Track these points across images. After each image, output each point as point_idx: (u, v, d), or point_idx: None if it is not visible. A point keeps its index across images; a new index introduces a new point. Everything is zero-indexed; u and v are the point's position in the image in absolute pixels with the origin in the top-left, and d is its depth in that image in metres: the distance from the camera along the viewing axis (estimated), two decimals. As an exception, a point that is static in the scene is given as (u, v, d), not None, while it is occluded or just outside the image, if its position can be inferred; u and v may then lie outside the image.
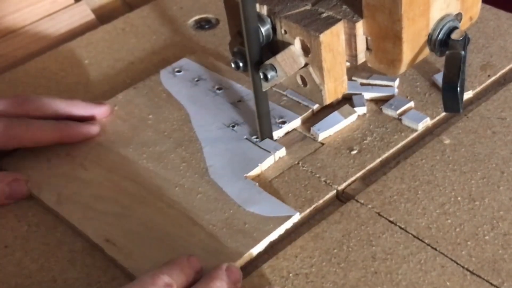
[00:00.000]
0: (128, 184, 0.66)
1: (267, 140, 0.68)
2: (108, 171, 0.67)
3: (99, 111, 0.73)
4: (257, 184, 0.64)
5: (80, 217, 0.63)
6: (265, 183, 0.65)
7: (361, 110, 0.70)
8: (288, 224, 0.61)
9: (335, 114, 0.70)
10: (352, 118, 0.69)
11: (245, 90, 0.73)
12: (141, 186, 0.65)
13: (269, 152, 0.67)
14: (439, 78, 0.70)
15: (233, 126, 0.70)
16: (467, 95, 0.70)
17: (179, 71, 0.77)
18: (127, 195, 0.65)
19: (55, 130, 0.69)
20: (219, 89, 0.75)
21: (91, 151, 0.69)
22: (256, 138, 0.68)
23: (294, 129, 0.70)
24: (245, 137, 0.69)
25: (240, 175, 0.65)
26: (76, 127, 0.70)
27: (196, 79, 0.76)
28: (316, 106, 0.71)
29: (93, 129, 0.71)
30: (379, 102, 0.71)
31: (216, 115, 0.72)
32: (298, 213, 0.61)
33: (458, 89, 0.60)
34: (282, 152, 0.67)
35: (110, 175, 0.67)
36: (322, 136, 0.68)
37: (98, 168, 0.68)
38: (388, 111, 0.70)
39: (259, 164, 0.66)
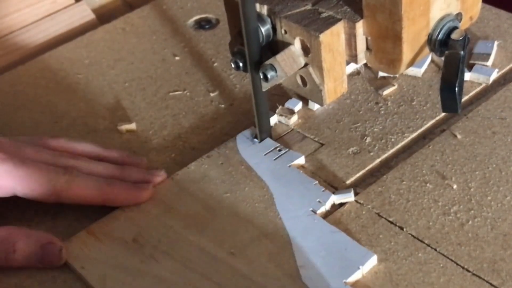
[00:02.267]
0: (207, 285, 0.56)
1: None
2: (183, 265, 0.58)
3: (155, 180, 0.65)
4: None
5: None
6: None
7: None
8: None
9: None
10: None
11: None
12: None
13: (371, 252, 0.57)
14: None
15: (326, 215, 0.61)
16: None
17: None
18: None
19: (99, 192, 0.62)
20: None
21: (162, 238, 0.60)
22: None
23: (293, 129, 0.70)
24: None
25: (337, 281, 0.55)
26: (124, 192, 0.62)
27: (278, 148, 0.67)
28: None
29: (144, 195, 0.63)
30: (379, 101, 0.71)
31: (304, 197, 0.62)
32: None
33: (456, 89, 0.60)
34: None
35: (185, 271, 0.57)
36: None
37: (171, 261, 0.58)
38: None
39: (360, 267, 0.56)
